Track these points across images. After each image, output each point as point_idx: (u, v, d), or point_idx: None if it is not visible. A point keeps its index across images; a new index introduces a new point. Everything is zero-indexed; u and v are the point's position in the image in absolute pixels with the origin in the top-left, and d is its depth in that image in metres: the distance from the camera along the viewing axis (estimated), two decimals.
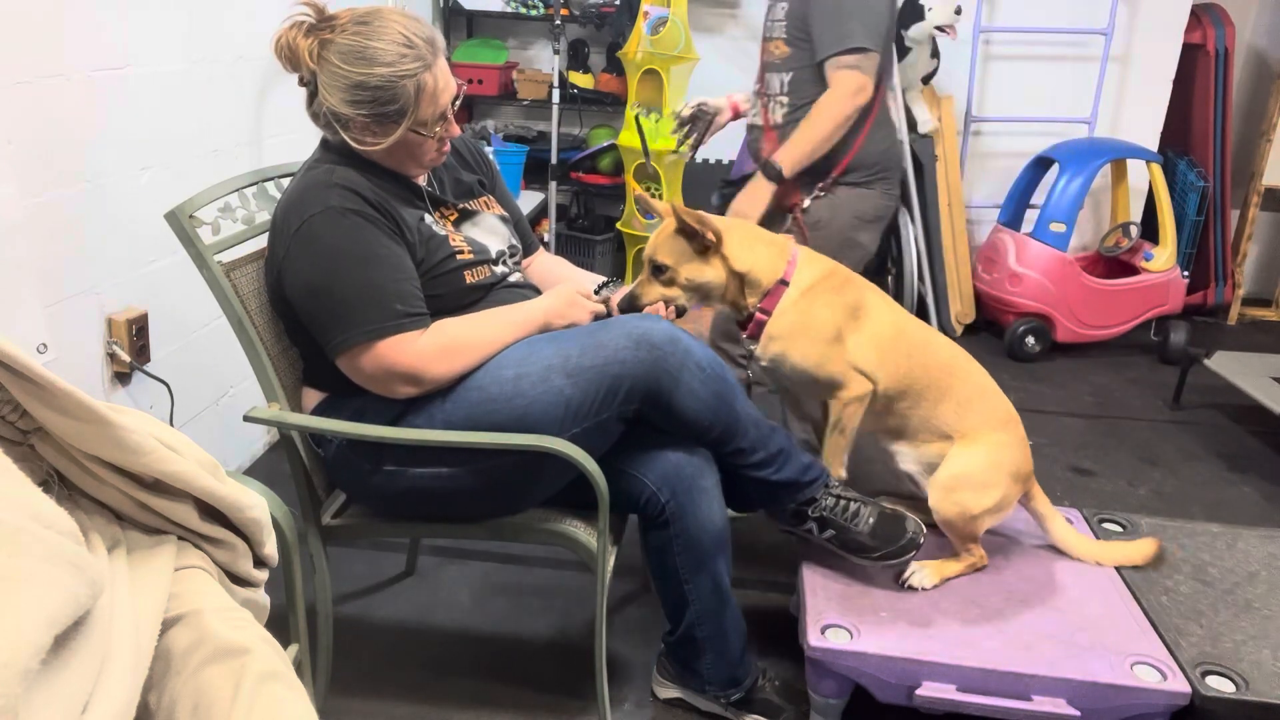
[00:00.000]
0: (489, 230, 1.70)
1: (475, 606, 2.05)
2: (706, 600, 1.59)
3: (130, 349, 2.01)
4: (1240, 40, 4.14)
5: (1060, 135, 4.00)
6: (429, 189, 1.64)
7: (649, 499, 1.53)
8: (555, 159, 4.02)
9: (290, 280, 1.48)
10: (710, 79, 3.68)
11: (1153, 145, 4.05)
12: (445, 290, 1.55)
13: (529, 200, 4.05)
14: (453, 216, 1.66)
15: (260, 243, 1.62)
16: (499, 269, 1.65)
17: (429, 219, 1.58)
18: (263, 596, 1.07)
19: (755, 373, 1.78)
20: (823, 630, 1.56)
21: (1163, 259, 3.78)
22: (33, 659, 0.68)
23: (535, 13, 4.02)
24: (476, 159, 1.80)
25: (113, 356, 2.00)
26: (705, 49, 3.81)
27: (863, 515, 1.64)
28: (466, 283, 1.58)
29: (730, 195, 2.44)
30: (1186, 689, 1.45)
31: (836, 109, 2.09)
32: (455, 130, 1.56)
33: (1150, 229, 3.89)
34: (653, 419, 1.52)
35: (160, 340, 2.12)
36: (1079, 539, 1.80)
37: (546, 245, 4.02)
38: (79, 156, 1.86)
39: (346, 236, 1.45)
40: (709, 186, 2.51)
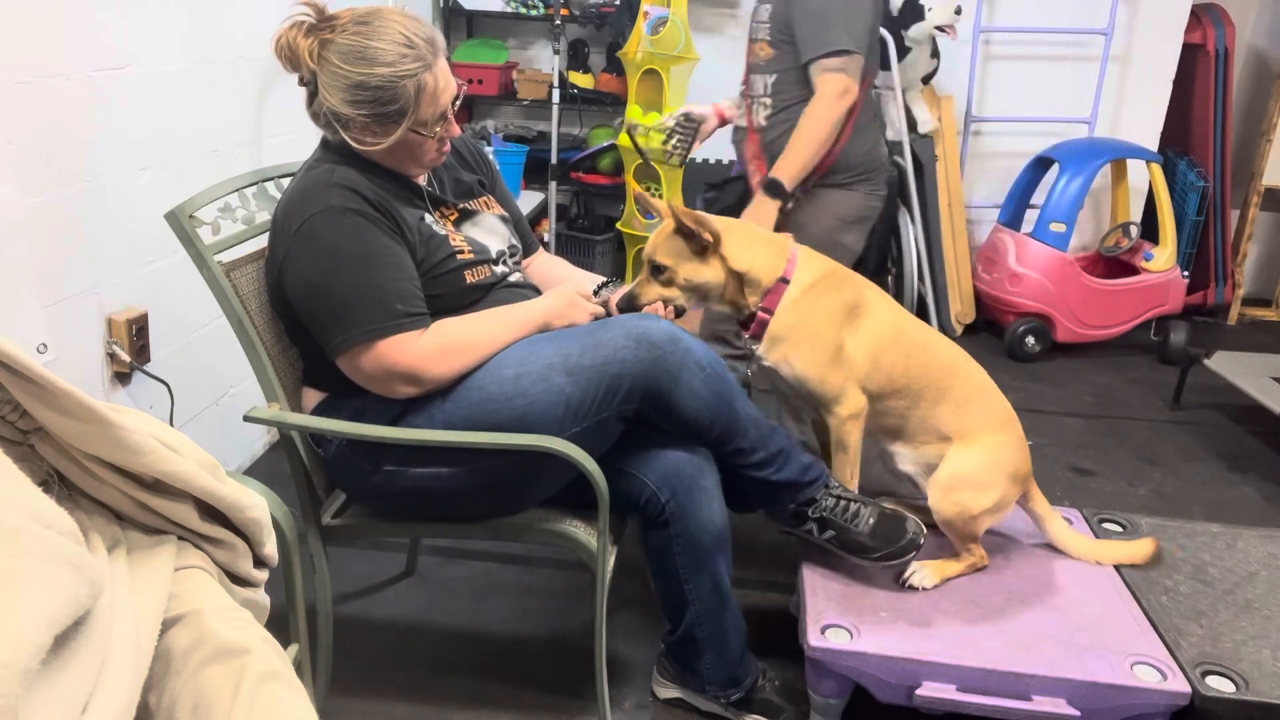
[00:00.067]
0: (489, 230, 1.70)
1: (475, 606, 2.05)
2: (706, 600, 1.59)
3: (130, 349, 2.01)
4: (1240, 40, 4.15)
5: (1060, 135, 4.00)
6: (429, 189, 1.64)
7: (649, 499, 1.53)
8: (555, 159, 4.02)
9: (290, 280, 1.49)
10: (710, 79, 3.68)
11: (1153, 145, 4.05)
12: (445, 290, 1.55)
13: (529, 200, 4.05)
14: (453, 216, 1.66)
15: (260, 243, 1.62)
16: (499, 269, 1.66)
17: (429, 219, 1.58)
18: (263, 596, 1.07)
19: (753, 373, 1.78)
20: (823, 630, 1.56)
21: (1163, 259, 3.78)
22: (33, 659, 0.68)
23: (535, 13, 4.02)
24: (476, 159, 1.80)
25: (113, 356, 2.00)
26: (705, 49, 3.81)
27: (863, 516, 1.64)
28: (467, 282, 1.58)
29: (714, 199, 2.44)
30: (1186, 689, 1.45)
31: (824, 113, 2.10)
32: (455, 130, 1.56)
33: (1150, 229, 3.89)
34: (653, 418, 1.52)
35: (160, 340, 2.12)
36: (1077, 539, 1.80)
37: (546, 245, 4.02)
38: (79, 156, 1.86)
39: (347, 236, 1.45)
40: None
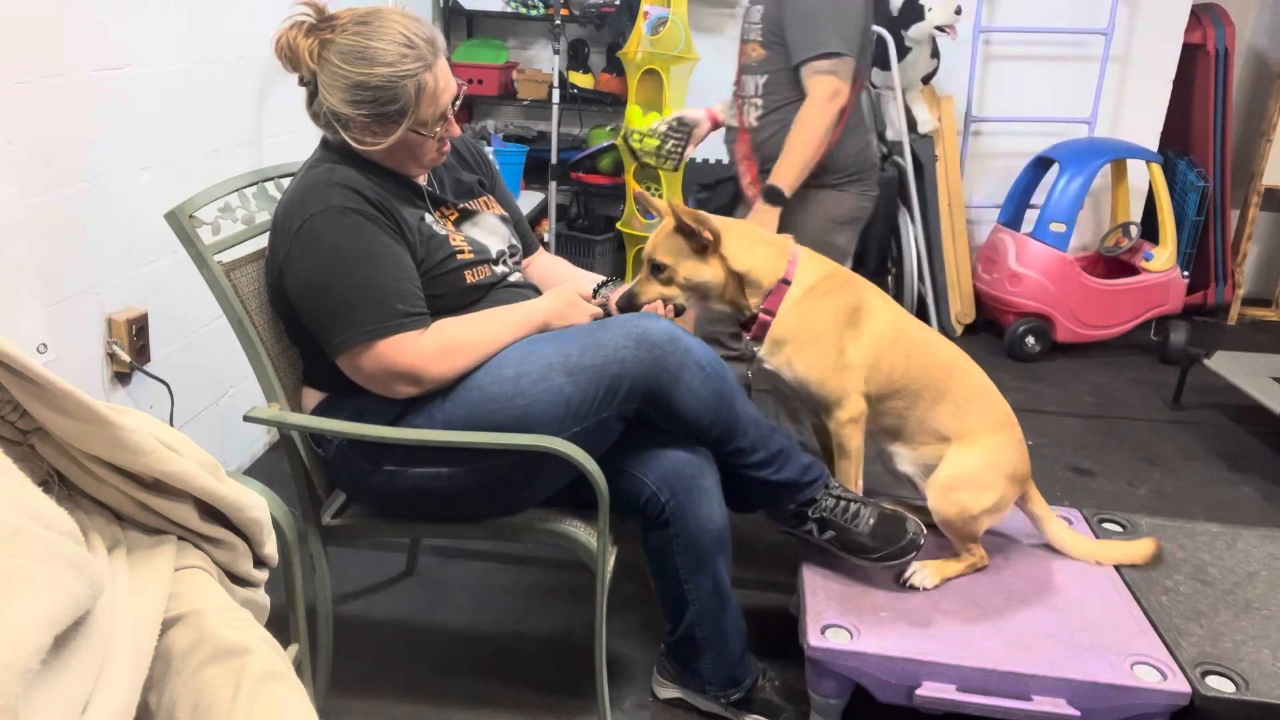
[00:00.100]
0: (489, 230, 1.70)
1: (475, 606, 2.05)
2: (706, 600, 1.59)
3: (130, 349, 2.01)
4: (1240, 40, 4.15)
5: (1060, 135, 4.00)
6: (429, 189, 1.64)
7: (649, 499, 1.53)
8: (555, 159, 4.02)
9: (291, 279, 1.48)
10: (710, 79, 3.67)
11: (1153, 145, 4.05)
12: (446, 290, 1.55)
13: (529, 200, 4.05)
14: (453, 216, 1.66)
15: (260, 243, 1.62)
16: (499, 269, 1.65)
17: (429, 219, 1.58)
18: (263, 596, 1.07)
19: (753, 374, 1.78)
20: (823, 630, 1.56)
21: (1163, 259, 3.78)
22: (33, 659, 0.68)
23: (535, 13, 4.02)
24: (476, 159, 1.80)
25: (113, 356, 2.00)
26: (705, 49, 3.81)
27: (863, 516, 1.64)
28: (467, 282, 1.58)
29: (707, 199, 2.45)
30: (1186, 689, 1.45)
31: (816, 117, 2.10)
32: (455, 130, 1.56)
33: (1150, 229, 3.89)
34: (653, 418, 1.52)
35: (160, 340, 2.12)
36: (1075, 539, 1.80)
37: (546, 245, 4.02)
38: (79, 156, 1.86)
39: (348, 235, 1.45)
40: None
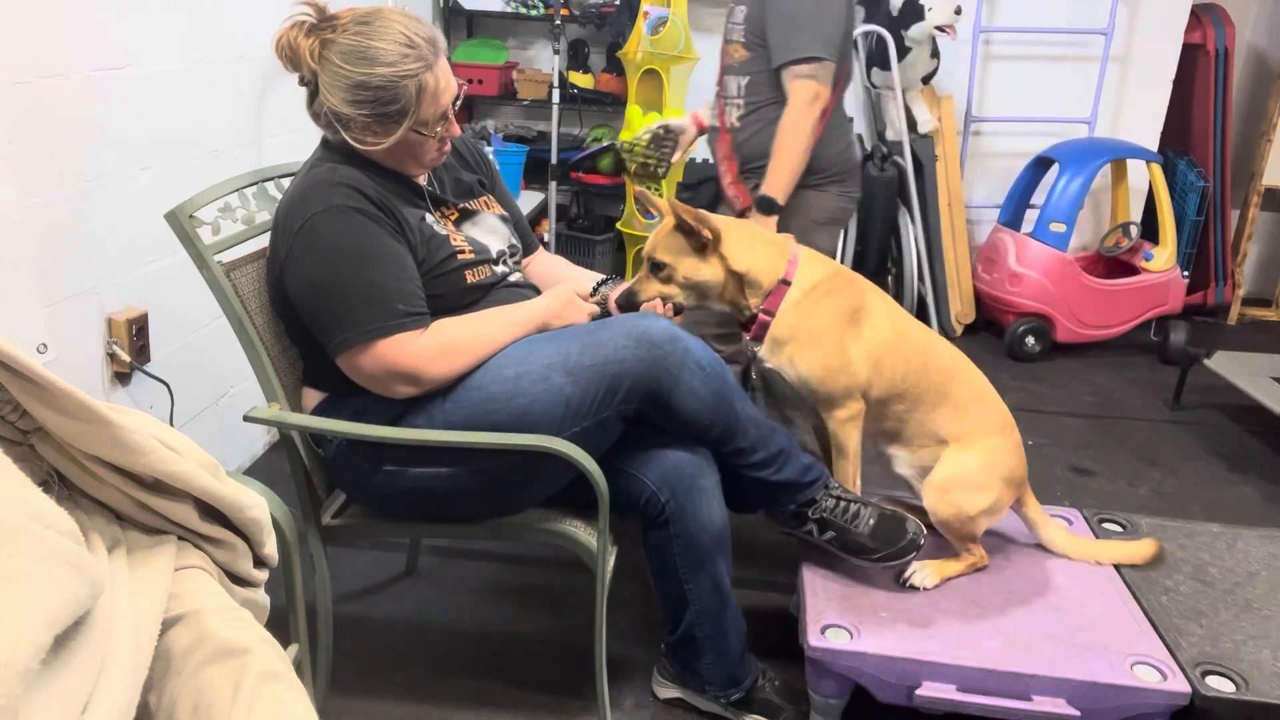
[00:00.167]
0: (489, 230, 1.70)
1: (475, 606, 2.05)
2: (706, 600, 1.59)
3: (130, 349, 2.01)
4: (1240, 40, 4.14)
5: (1060, 135, 4.00)
6: (429, 188, 1.64)
7: (649, 499, 1.53)
8: (555, 159, 4.02)
9: (292, 279, 1.48)
10: (710, 79, 3.65)
11: (1153, 145, 4.05)
12: (446, 290, 1.55)
13: (529, 200, 4.05)
14: (453, 216, 1.66)
15: (260, 243, 1.62)
16: (499, 269, 1.66)
17: (430, 218, 1.58)
18: (263, 596, 1.07)
19: (756, 372, 1.78)
20: (823, 630, 1.56)
21: (1163, 259, 3.78)
22: (33, 659, 0.68)
23: (535, 13, 4.02)
24: (476, 159, 1.80)
25: (113, 356, 2.00)
26: (705, 49, 3.80)
27: (863, 517, 1.64)
28: (467, 282, 1.58)
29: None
30: (1186, 689, 1.45)
31: (798, 121, 2.11)
32: (456, 130, 1.56)
33: (1150, 229, 3.89)
34: (652, 418, 1.52)
35: (160, 340, 2.12)
36: (1072, 540, 1.80)
37: (546, 245, 4.02)
38: (79, 156, 1.86)
39: (349, 235, 1.45)
40: (709, 185, 2.52)
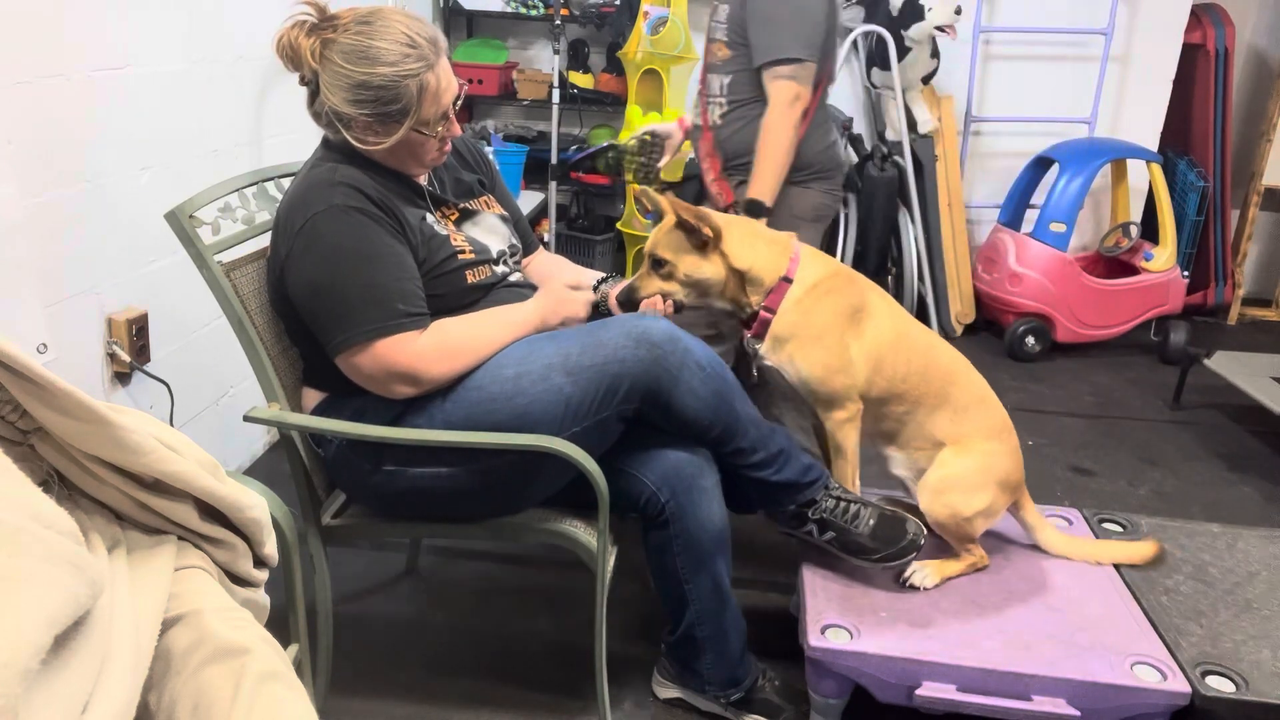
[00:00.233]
0: (489, 230, 1.70)
1: (475, 606, 2.05)
2: (706, 600, 1.59)
3: (130, 349, 2.01)
4: (1240, 40, 4.14)
5: (1060, 135, 4.00)
6: (430, 188, 1.64)
7: (649, 499, 1.53)
8: (555, 159, 4.02)
9: (293, 278, 1.48)
10: None
11: (1153, 145, 4.05)
12: (446, 290, 1.55)
13: (529, 200, 4.05)
14: (454, 216, 1.66)
15: (260, 243, 1.62)
16: (500, 269, 1.65)
17: (430, 218, 1.58)
18: (263, 596, 1.07)
19: (757, 371, 1.78)
20: (823, 630, 1.56)
21: (1163, 259, 3.78)
22: (33, 659, 0.68)
23: (535, 13, 4.02)
24: (476, 159, 1.80)
25: (113, 356, 2.00)
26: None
27: (863, 517, 1.64)
28: (468, 282, 1.58)
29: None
30: (1186, 689, 1.45)
31: (780, 122, 2.12)
32: (457, 130, 1.56)
33: (1150, 229, 3.89)
34: (652, 418, 1.52)
35: (160, 340, 2.12)
36: (1070, 542, 1.80)
37: (546, 245, 4.02)
38: (79, 156, 1.86)
39: (350, 235, 1.45)
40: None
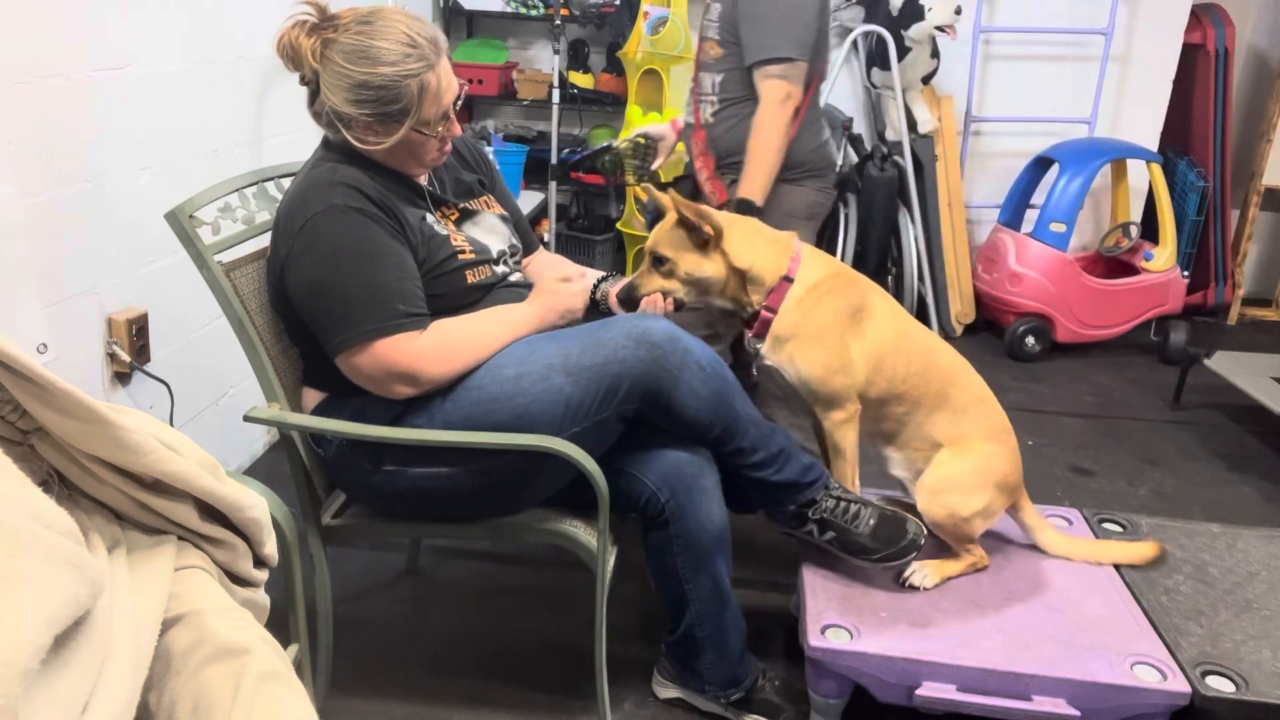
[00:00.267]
0: (489, 230, 1.70)
1: (475, 606, 2.05)
2: (706, 600, 1.59)
3: (130, 349, 2.01)
4: (1240, 40, 4.14)
5: (1060, 135, 4.00)
6: (430, 188, 1.64)
7: (649, 499, 1.53)
8: (555, 159, 4.02)
9: (293, 278, 1.48)
10: None
11: (1153, 145, 4.05)
12: (446, 290, 1.55)
13: (529, 200, 4.05)
14: (454, 216, 1.66)
15: (260, 243, 1.62)
16: (500, 269, 1.65)
17: (430, 218, 1.58)
18: (263, 596, 1.07)
19: (758, 370, 1.78)
20: (823, 630, 1.56)
21: (1163, 259, 3.78)
22: (33, 659, 0.68)
23: (535, 13, 4.02)
24: (476, 159, 1.80)
25: (113, 356, 2.00)
26: None
27: (863, 517, 1.64)
28: (468, 282, 1.58)
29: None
30: (1186, 689, 1.45)
31: (771, 122, 2.12)
32: (457, 130, 1.56)
33: (1150, 229, 3.89)
34: (652, 418, 1.52)
35: (160, 340, 2.12)
36: (1069, 543, 1.80)
37: (546, 245, 4.02)
38: (79, 156, 1.86)
39: (350, 235, 1.45)
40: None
